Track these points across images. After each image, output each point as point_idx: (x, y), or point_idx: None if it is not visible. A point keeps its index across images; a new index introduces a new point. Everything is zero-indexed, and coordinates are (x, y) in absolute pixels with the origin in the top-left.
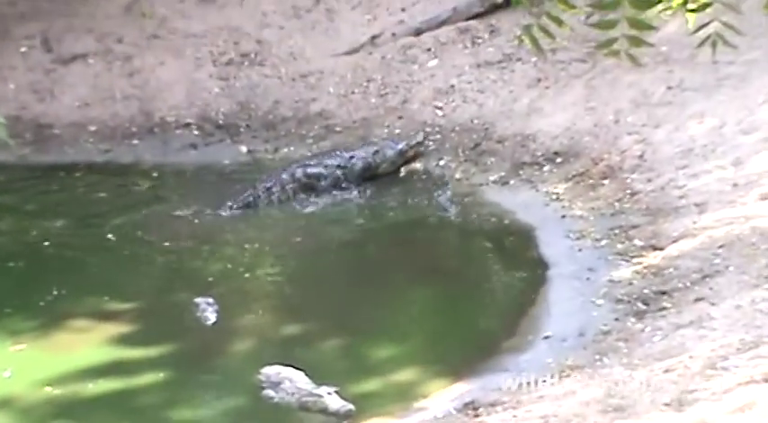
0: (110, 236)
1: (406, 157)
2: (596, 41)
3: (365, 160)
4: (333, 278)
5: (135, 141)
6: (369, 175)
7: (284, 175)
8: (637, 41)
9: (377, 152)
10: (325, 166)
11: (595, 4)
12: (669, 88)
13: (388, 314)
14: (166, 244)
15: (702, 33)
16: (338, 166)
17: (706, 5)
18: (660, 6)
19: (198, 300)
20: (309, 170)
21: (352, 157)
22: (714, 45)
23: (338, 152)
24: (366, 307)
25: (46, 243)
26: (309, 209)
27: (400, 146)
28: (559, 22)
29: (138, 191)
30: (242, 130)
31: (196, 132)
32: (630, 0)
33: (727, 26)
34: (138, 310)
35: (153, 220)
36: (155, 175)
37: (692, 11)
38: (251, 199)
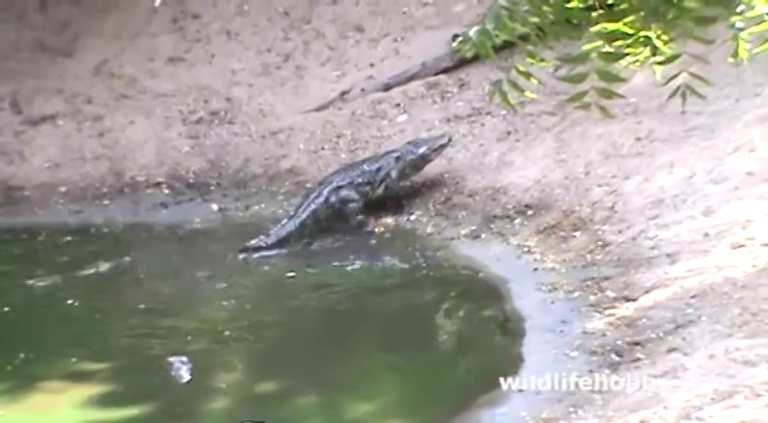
0: (80, 295)
1: (428, 161)
2: (565, 94)
3: (394, 169)
4: (308, 335)
5: (106, 202)
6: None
7: (314, 205)
8: (607, 93)
9: (398, 159)
10: (356, 186)
11: (564, 57)
12: (638, 139)
13: (363, 370)
14: (138, 303)
15: (672, 85)
16: (367, 183)
17: (674, 57)
18: (629, 58)
19: (172, 358)
20: (342, 193)
21: (379, 169)
22: (684, 96)
23: (364, 166)
24: (341, 363)
25: (9, 306)
26: (282, 265)
27: (422, 149)
28: (528, 76)
29: (107, 250)
30: (212, 188)
31: (167, 191)
32: (599, 53)
33: (696, 77)
34: (112, 370)
35: (124, 279)
36: (125, 233)
37: (660, 63)
38: (284, 233)
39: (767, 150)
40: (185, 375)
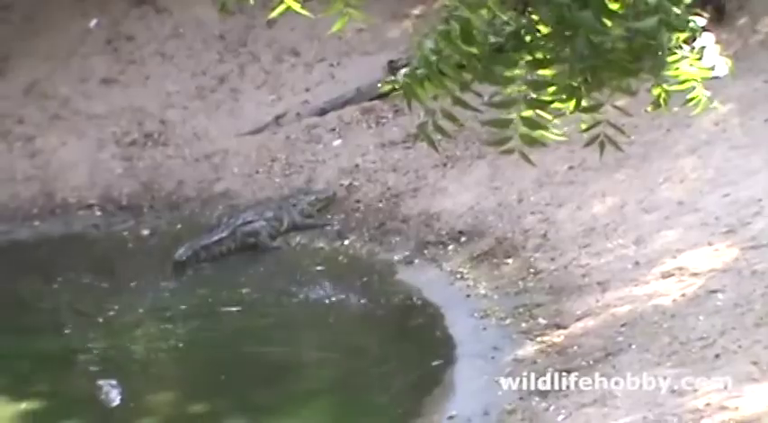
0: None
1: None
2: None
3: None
4: (237, 357)
5: (36, 223)
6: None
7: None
8: (530, 140)
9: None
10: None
11: (491, 103)
12: (571, 168)
13: (292, 392)
14: (65, 325)
15: (592, 132)
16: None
17: (597, 106)
18: (554, 106)
19: (101, 382)
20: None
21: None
22: (602, 146)
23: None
24: (270, 385)
25: None
26: (209, 286)
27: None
28: (454, 119)
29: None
30: (145, 210)
31: (98, 213)
32: (526, 100)
33: (615, 128)
34: (40, 393)
35: (53, 301)
36: (56, 253)
37: (584, 110)
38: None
39: (697, 180)
40: (115, 399)
